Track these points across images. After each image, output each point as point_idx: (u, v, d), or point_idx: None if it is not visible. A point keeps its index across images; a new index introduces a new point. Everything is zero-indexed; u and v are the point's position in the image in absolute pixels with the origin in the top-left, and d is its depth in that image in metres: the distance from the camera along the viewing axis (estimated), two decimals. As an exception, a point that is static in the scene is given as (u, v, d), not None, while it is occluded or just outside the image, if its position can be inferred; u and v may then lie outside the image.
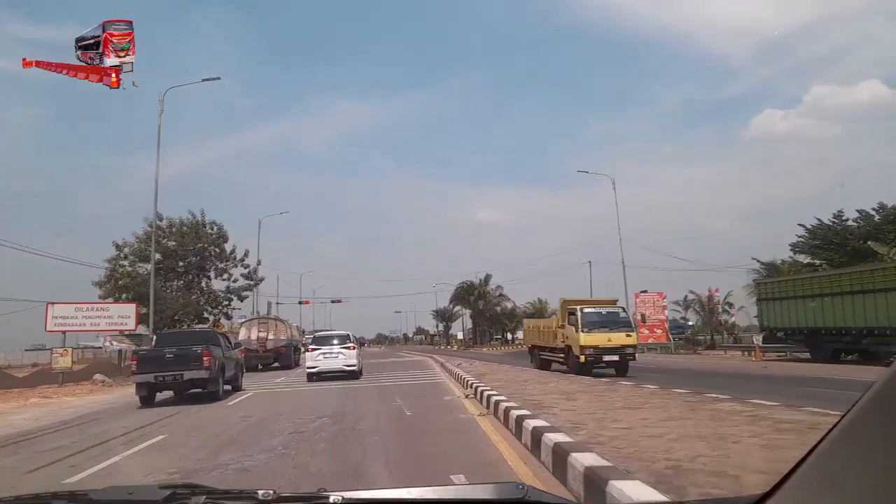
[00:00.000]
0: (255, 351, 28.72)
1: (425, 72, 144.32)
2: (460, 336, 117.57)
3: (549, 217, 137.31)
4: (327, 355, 20.22)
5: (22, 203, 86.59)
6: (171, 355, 14.84)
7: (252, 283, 37.45)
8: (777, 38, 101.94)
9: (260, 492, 1.74)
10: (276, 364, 29.66)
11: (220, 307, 36.27)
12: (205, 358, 14.75)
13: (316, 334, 24.86)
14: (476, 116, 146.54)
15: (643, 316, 40.59)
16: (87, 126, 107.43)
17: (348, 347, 20.56)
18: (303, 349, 29.01)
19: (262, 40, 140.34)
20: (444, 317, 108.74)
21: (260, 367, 28.34)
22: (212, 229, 37.18)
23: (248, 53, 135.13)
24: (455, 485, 4.43)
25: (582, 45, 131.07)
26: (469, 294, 68.56)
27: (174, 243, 35.10)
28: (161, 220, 33.16)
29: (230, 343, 18.39)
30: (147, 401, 14.72)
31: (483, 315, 69.33)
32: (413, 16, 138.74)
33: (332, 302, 68.80)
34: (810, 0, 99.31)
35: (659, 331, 42.63)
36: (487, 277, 69.10)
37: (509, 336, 79.23)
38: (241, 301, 36.85)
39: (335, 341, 20.74)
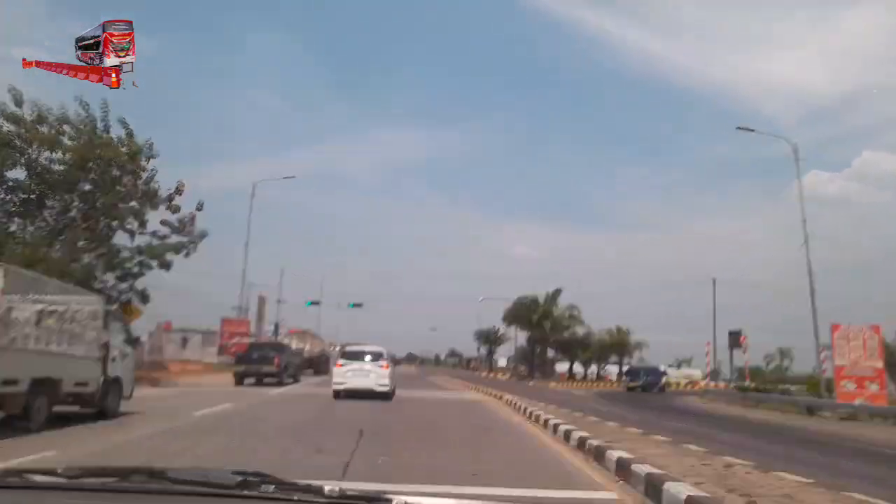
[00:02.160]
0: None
1: (466, 108, 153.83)
2: (502, 363, 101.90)
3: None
4: (357, 372, 19.44)
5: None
6: (256, 356, 27.92)
7: (183, 236, 22.27)
8: (826, 104, 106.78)
9: (326, 487, 1.91)
10: (310, 370, 37.73)
11: (126, 273, 21.17)
12: (276, 360, 27.62)
13: (346, 348, 23.62)
14: (512, 153, 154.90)
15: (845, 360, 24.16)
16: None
17: (381, 365, 19.73)
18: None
19: (318, 65, 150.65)
20: (489, 339, 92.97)
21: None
22: (126, 143, 21.12)
23: (302, 77, 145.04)
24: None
25: (630, 93, 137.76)
26: (531, 312, 52.73)
27: (58, 155, 20.06)
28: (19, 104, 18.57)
29: (293, 351, 32.58)
30: (239, 383, 26.32)
31: (546, 340, 53.23)
32: (460, 52, 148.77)
33: (353, 306, 53.86)
34: (860, 67, 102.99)
35: (874, 385, 25.76)
36: (557, 293, 53.54)
37: (579, 368, 62.79)
38: (167, 270, 21.83)
39: (367, 357, 19.91)
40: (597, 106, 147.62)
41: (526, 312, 56.65)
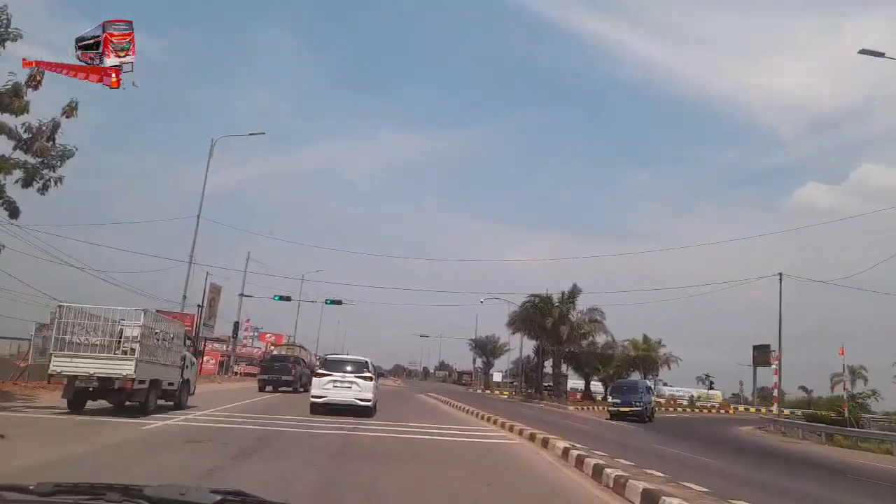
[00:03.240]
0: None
1: (474, 112, 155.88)
2: (496, 378, 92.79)
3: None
4: (338, 384, 18.38)
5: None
6: (277, 367, 33.14)
7: (35, 155, 13.13)
8: (829, 115, 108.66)
9: None
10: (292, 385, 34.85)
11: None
12: (293, 370, 32.48)
13: (327, 357, 23.26)
14: (517, 159, 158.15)
15: None
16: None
17: (364, 377, 18.68)
18: None
19: (321, 66, 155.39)
20: (486, 349, 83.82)
21: (273, 387, 33.55)
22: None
23: (305, 76, 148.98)
24: None
25: (633, 105, 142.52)
26: (543, 315, 43.77)
27: None
28: None
29: (306, 364, 36.79)
30: (261, 389, 31.07)
31: (560, 350, 44.27)
32: (469, 58, 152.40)
33: (331, 303, 44.84)
34: (866, 80, 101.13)
35: None
36: (574, 291, 44.59)
37: (598, 386, 53.81)
38: (13, 215, 13.06)
39: (349, 367, 18.84)
40: (600, 114, 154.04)
41: (537, 316, 47.66)
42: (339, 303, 49.26)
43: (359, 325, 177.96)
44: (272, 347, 74.91)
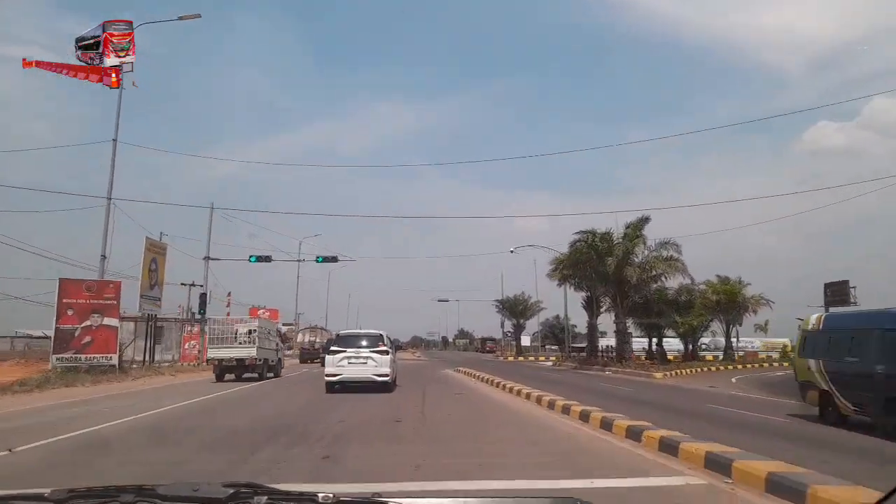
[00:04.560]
0: (307, 349, 48.09)
1: (469, 75, 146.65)
2: (525, 342, 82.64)
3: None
4: (353, 360, 17.74)
5: None
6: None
7: None
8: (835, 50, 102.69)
9: (320, 494, 1.93)
10: (319, 360, 37.55)
11: None
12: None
13: (340, 333, 21.96)
14: (519, 121, 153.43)
15: None
16: None
17: (380, 351, 17.87)
18: None
19: (306, 42, 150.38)
20: (515, 310, 73.22)
21: (309, 361, 43.84)
22: None
23: (290, 53, 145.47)
24: (511, 495, 5.27)
25: (631, 54, 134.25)
26: (602, 254, 33.09)
27: None
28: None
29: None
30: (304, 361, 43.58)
31: (625, 298, 33.64)
32: (461, 19, 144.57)
33: (323, 261, 34.56)
34: (872, 11, 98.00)
35: None
36: (642, 221, 33.68)
37: (672, 343, 43.45)
38: None
39: (364, 342, 18.07)
40: (597, 66, 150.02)
41: (592, 258, 36.88)
42: (334, 259, 39.06)
43: (372, 298, 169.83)
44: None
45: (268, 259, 37.92)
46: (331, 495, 1.89)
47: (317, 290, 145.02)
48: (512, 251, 52.33)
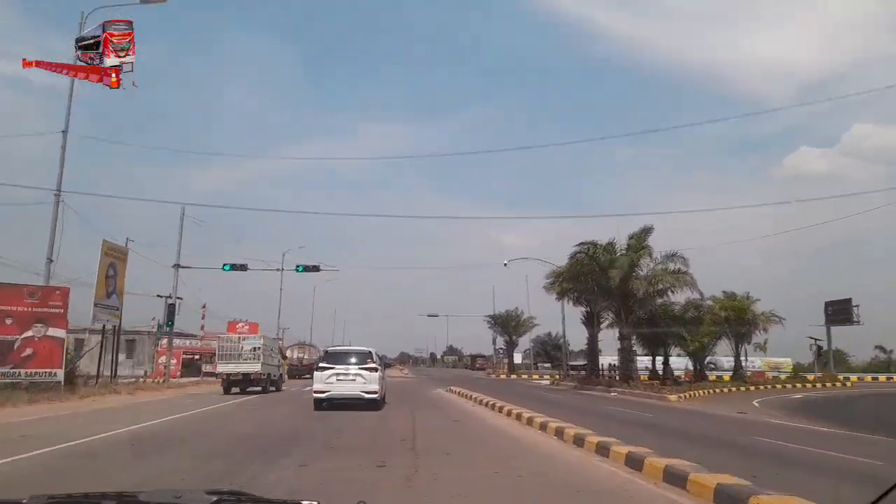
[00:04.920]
0: (295, 366, 49.85)
1: (457, 98, 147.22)
2: (517, 359, 79.74)
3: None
4: (341, 377, 17.41)
5: None
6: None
7: None
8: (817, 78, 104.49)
9: (304, 502, 1.96)
10: (308, 375, 38.38)
11: None
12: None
13: (328, 350, 21.92)
14: (511, 142, 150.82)
15: None
16: None
17: (368, 368, 17.57)
18: None
19: (298, 63, 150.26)
20: (507, 326, 70.39)
21: (297, 377, 44.44)
22: None
23: (283, 74, 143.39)
24: None
25: (616, 79, 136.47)
26: (604, 267, 30.67)
27: None
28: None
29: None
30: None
31: (629, 315, 31.17)
32: (448, 43, 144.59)
33: (304, 270, 31.73)
34: (851, 41, 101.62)
35: None
36: (645, 232, 31.19)
37: (679, 362, 41.10)
38: None
39: (352, 359, 17.83)
40: (586, 94, 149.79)
41: (593, 270, 34.34)
42: (315, 269, 36.15)
43: (358, 313, 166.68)
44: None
45: (243, 268, 35.07)
46: (315, 503, 1.96)
47: (300, 303, 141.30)
48: (506, 264, 49.81)
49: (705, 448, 11.39)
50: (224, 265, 34.84)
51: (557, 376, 47.63)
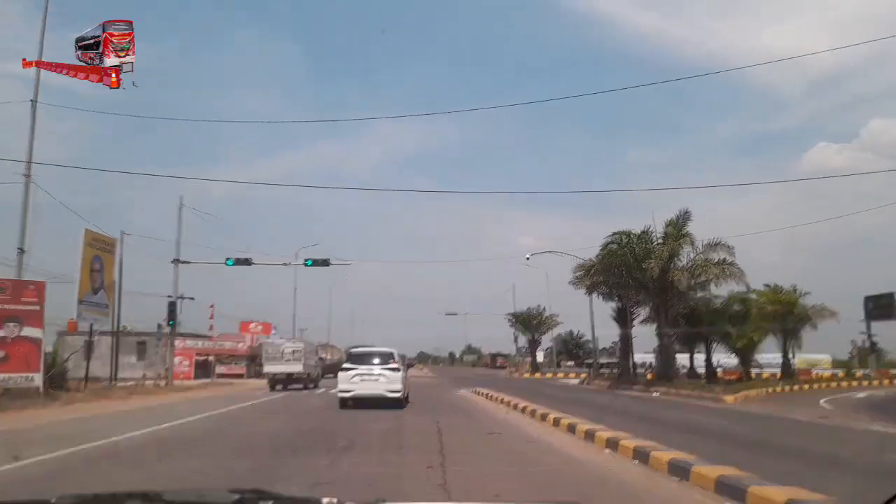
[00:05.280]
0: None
1: (467, 95, 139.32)
2: (540, 358, 76.50)
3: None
4: (365, 377, 17.91)
5: None
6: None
7: None
8: (832, 72, 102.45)
9: (324, 500, 1.94)
10: (330, 375, 35.99)
11: None
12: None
13: (352, 351, 23.24)
14: (515, 142, 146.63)
15: None
16: None
17: (392, 368, 18.06)
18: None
19: (307, 61, 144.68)
20: (529, 324, 67.34)
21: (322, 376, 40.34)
22: None
23: (292, 73, 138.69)
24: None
25: (628, 72, 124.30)
26: (639, 258, 27.73)
27: None
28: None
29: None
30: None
31: (668, 310, 28.11)
32: (457, 36, 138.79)
33: (312, 264, 29.03)
34: (869, 34, 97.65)
35: None
36: (684, 217, 28.07)
37: (724, 359, 37.98)
38: None
39: (375, 360, 18.37)
40: (597, 88, 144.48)
41: (629, 261, 31.35)
42: (325, 263, 33.43)
43: (375, 311, 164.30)
44: (257, 340, 60.18)
45: (248, 262, 32.50)
46: (335, 500, 1.94)
47: (315, 303, 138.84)
48: (528, 258, 47.08)
49: (829, 470, 8.54)
50: (227, 259, 32.32)
51: (586, 375, 44.58)
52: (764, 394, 27.38)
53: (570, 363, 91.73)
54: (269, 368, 30.80)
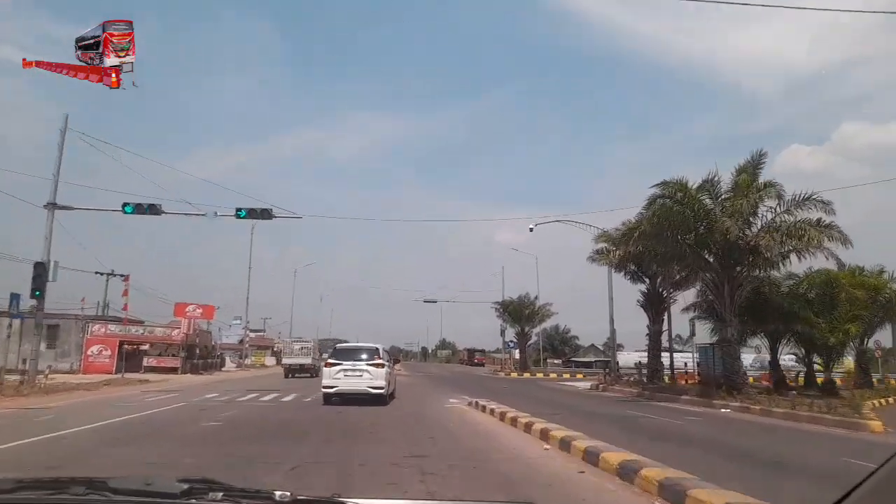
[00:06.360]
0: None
1: (453, 91, 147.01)
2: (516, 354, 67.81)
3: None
4: (349, 372, 17.97)
5: None
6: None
7: None
8: (807, 76, 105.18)
9: (277, 493, 1.85)
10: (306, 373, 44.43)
11: None
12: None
13: (336, 346, 22.12)
14: (501, 137, 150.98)
15: None
16: None
17: (375, 364, 18.14)
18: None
19: (292, 51, 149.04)
20: (519, 315, 58.27)
21: (291, 375, 43.11)
22: None
23: (277, 62, 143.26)
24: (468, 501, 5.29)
25: (611, 73, 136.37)
26: (700, 217, 18.27)
27: None
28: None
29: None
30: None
31: (736, 285, 18.95)
32: (446, 35, 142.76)
33: (251, 216, 20.19)
34: (843, 39, 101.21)
35: None
36: (759, 159, 19.43)
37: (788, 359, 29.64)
38: None
39: (359, 356, 18.38)
40: (581, 87, 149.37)
41: (688, 220, 22.58)
42: (267, 215, 24.01)
43: (344, 304, 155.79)
44: (195, 326, 50.51)
45: (155, 210, 23.04)
46: (288, 494, 1.84)
47: (276, 286, 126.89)
48: (532, 229, 38.22)
49: None
50: (125, 205, 22.77)
51: (600, 378, 35.75)
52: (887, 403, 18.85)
53: (557, 361, 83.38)
54: (287, 361, 42.11)
